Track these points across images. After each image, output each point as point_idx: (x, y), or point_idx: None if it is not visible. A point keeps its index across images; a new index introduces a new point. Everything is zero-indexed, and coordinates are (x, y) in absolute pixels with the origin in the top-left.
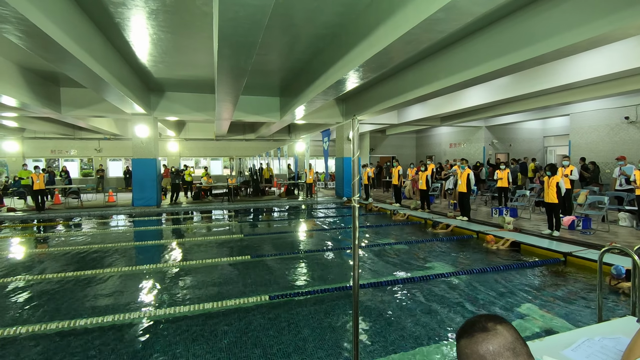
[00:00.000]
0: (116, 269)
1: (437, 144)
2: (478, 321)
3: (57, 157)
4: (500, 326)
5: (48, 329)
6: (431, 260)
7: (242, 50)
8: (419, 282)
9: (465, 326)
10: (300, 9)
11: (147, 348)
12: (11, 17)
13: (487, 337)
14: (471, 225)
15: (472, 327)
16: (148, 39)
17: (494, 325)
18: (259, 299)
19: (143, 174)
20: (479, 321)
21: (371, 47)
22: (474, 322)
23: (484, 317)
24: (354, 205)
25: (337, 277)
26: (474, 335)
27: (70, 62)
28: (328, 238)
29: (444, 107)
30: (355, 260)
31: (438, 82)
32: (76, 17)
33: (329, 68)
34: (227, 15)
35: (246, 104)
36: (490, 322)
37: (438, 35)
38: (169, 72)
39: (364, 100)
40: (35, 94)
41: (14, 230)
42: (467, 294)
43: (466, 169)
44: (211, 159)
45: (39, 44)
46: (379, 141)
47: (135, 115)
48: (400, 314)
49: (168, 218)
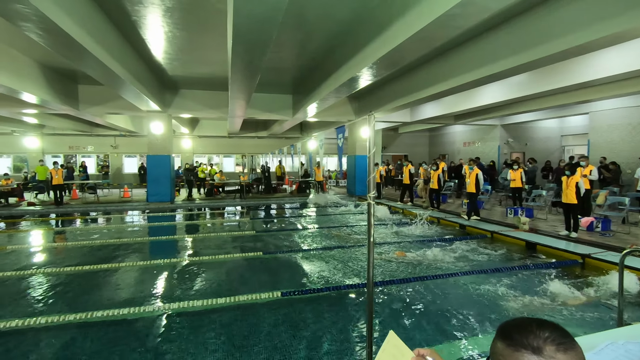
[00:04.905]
0: (131, 263)
1: (451, 143)
2: (534, 334)
3: (74, 153)
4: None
5: (66, 320)
6: (441, 260)
7: (256, 47)
8: (425, 280)
9: (513, 330)
10: (313, 6)
11: (160, 341)
12: (32, 15)
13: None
14: (484, 225)
15: (522, 337)
16: (163, 36)
17: (554, 353)
18: (271, 295)
19: (157, 170)
20: (536, 335)
21: (384, 44)
22: (527, 332)
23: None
24: (370, 203)
25: (348, 274)
26: (520, 351)
27: (88, 60)
28: (340, 235)
29: (458, 105)
30: (370, 258)
31: (452, 80)
32: (94, 15)
33: (342, 66)
34: (241, 12)
35: (259, 102)
36: (550, 344)
37: (453, 32)
38: (184, 69)
39: (377, 98)
40: (55, 91)
41: (34, 223)
42: (482, 297)
43: (475, 168)
44: (224, 156)
45: (59, 41)
46: (391, 139)
47: (150, 113)
48: (413, 313)
49: (182, 214)
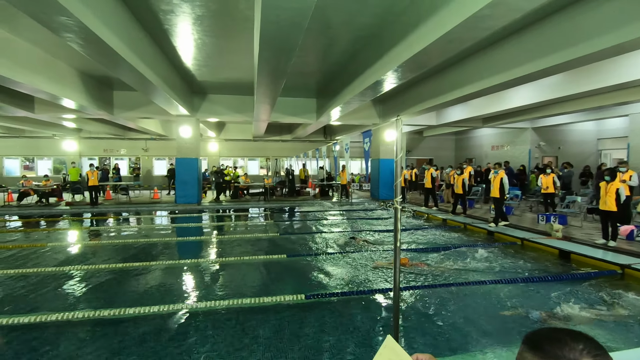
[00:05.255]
0: (160, 262)
1: (478, 146)
2: (568, 346)
3: (109, 156)
4: None
5: (101, 315)
6: (467, 267)
7: (282, 52)
8: (453, 287)
9: (545, 342)
10: (338, 11)
11: (187, 338)
12: (74, 26)
13: None
14: (513, 231)
15: (555, 349)
16: (193, 43)
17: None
18: (295, 298)
19: (186, 172)
20: (570, 347)
21: (411, 47)
22: (561, 344)
23: (580, 340)
24: (396, 207)
25: (373, 279)
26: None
27: (123, 67)
28: (362, 239)
29: (486, 108)
30: (396, 262)
31: (481, 82)
32: (130, 25)
33: (367, 69)
34: (268, 18)
35: (283, 106)
36: (586, 356)
37: (482, 33)
38: (212, 75)
39: (402, 101)
40: (92, 96)
41: (71, 222)
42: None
43: (499, 172)
44: (248, 159)
45: (97, 50)
46: (416, 143)
47: (179, 117)
48: (435, 321)
49: (208, 215)
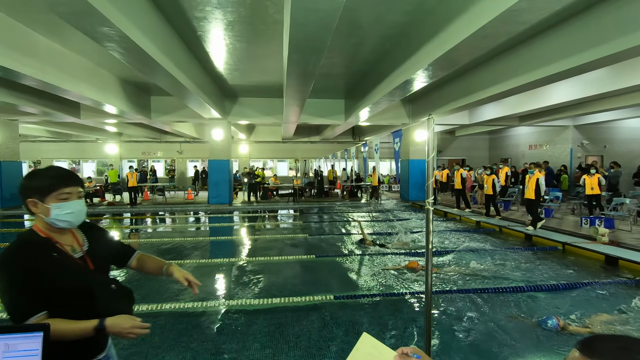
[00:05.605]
0: (194, 261)
1: (514, 146)
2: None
3: (146, 158)
4: None
5: (139, 310)
6: (504, 272)
7: (311, 54)
8: (490, 293)
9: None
10: (367, 11)
11: (219, 335)
12: (116, 36)
13: None
14: (554, 235)
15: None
16: (224, 48)
17: None
18: (324, 298)
19: (218, 174)
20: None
21: (442, 44)
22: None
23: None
24: (428, 208)
25: (400, 282)
26: None
27: (159, 73)
28: (392, 241)
29: (523, 105)
30: (428, 265)
31: (517, 78)
32: (166, 32)
33: (396, 68)
34: (297, 21)
35: (312, 107)
36: None
37: (518, 28)
38: (242, 78)
39: (433, 100)
40: (131, 102)
41: (113, 221)
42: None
43: (535, 172)
44: (278, 160)
45: (136, 58)
46: (447, 143)
47: (211, 120)
48: (466, 328)
49: (239, 215)
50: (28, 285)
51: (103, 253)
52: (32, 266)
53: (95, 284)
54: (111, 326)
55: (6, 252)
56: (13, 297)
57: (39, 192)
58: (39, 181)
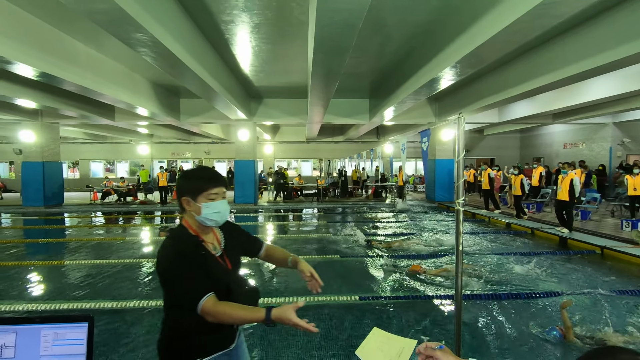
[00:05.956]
0: None
1: (548, 144)
2: None
3: (175, 159)
4: None
5: None
6: (535, 276)
7: (336, 54)
8: (523, 299)
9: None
10: (392, 9)
11: (246, 333)
12: (149, 42)
13: None
14: (591, 238)
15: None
16: (250, 50)
17: None
18: (349, 299)
19: (244, 174)
20: None
21: (471, 41)
22: None
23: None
24: (458, 209)
25: (425, 284)
26: None
27: (189, 76)
28: (421, 242)
29: (557, 102)
30: (458, 267)
31: (551, 74)
32: (195, 37)
33: (422, 67)
34: (323, 21)
35: (336, 107)
36: None
37: (553, 21)
38: (268, 80)
39: (460, 99)
40: (162, 104)
41: (145, 219)
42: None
43: (569, 173)
44: (302, 160)
45: (167, 62)
46: (475, 142)
47: (238, 121)
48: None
49: (264, 215)
50: (193, 269)
51: (237, 249)
52: (189, 255)
53: (232, 282)
54: (277, 317)
55: (167, 245)
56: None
57: (192, 192)
58: (192, 181)
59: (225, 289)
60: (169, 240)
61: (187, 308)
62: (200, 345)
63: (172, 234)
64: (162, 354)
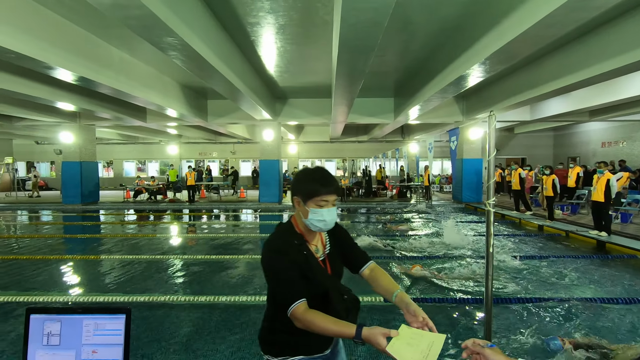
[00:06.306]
0: (246, 256)
1: (584, 143)
2: None
3: (202, 159)
4: None
5: (198, 300)
6: (569, 281)
7: (361, 53)
8: (554, 302)
9: None
10: (419, 5)
11: None
12: (179, 45)
13: None
14: (632, 242)
15: None
16: (275, 51)
17: None
18: (373, 299)
19: (268, 173)
20: None
21: (501, 36)
22: None
23: None
24: (488, 210)
25: (454, 286)
26: None
27: (216, 78)
28: (445, 244)
29: (594, 99)
30: (489, 269)
31: (587, 69)
32: (222, 39)
33: (449, 64)
34: (348, 21)
35: (360, 106)
36: None
37: (590, 14)
38: (292, 80)
39: (489, 96)
40: (190, 106)
41: (174, 217)
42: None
43: (605, 173)
44: (325, 160)
45: (196, 64)
46: (505, 141)
47: (262, 121)
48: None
49: (289, 214)
50: (290, 269)
51: (340, 257)
52: (289, 253)
53: (331, 289)
54: (366, 338)
55: (271, 239)
56: (280, 281)
57: (304, 194)
58: (306, 184)
59: (322, 294)
60: (274, 235)
61: (280, 307)
62: (291, 345)
63: (278, 229)
64: (260, 343)
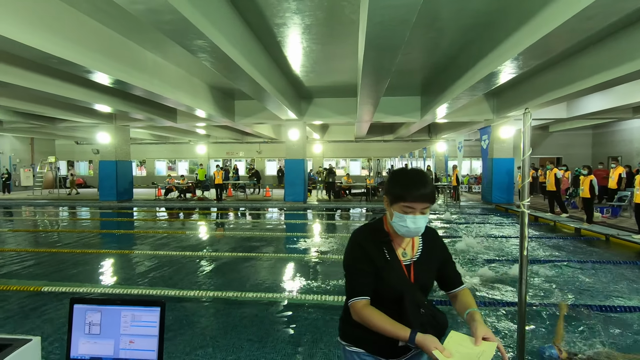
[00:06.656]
0: (270, 255)
1: (626, 142)
2: None
3: (230, 158)
4: None
5: (224, 296)
6: (610, 287)
7: (388, 51)
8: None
9: None
10: (447, 1)
11: (291, 326)
12: (208, 47)
13: None
14: None
15: None
16: (301, 51)
17: None
18: None
19: (293, 172)
20: None
21: (535, 30)
22: None
23: None
24: (523, 211)
25: (481, 289)
26: None
27: (243, 78)
28: (474, 245)
29: (638, 94)
30: (522, 273)
31: (631, 63)
32: (249, 40)
33: (479, 61)
34: (374, 19)
35: (386, 105)
36: None
37: (634, 4)
38: (318, 80)
39: (522, 93)
40: (218, 106)
41: (202, 215)
42: None
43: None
44: (350, 159)
45: (224, 66)
46: (539, 139)
47: (288, 121)
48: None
49: (312, 213)
50: (365, 264)
51: (432, 269)
52: (367, 248)
53: (407, 298)
54: (420, 343)
55: (357, 231)
56: (352, 272)
57: (392, 196)
58: (395, 186)
59: (396, 300)
60: (360, 228)
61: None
62: (358, 337)
63: (369, 223)
64: (339, 327)
